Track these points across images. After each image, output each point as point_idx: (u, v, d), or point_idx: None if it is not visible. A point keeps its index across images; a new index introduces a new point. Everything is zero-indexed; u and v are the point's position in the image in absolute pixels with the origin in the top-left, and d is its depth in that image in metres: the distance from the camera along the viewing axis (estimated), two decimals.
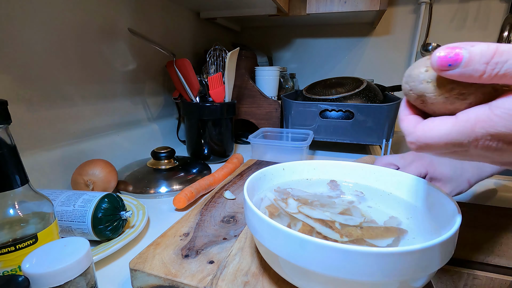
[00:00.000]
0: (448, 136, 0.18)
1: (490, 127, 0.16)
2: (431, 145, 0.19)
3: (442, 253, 0.23)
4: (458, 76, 0.17)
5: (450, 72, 0.17)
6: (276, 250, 0.26)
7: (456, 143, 0.18)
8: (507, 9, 1.09)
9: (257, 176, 0.37)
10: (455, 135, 0.18)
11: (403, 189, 0.37)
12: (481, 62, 0.16)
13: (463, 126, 0.17)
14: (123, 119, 0.71)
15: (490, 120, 0.16)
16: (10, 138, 0.26)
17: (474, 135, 0.17)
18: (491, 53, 0.16)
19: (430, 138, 0.19)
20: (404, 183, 0.37)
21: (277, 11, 0.95)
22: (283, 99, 0.90)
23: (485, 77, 0.16)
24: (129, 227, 0.43)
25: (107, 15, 0.63)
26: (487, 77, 0.16)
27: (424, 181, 0.34)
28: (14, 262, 0.26)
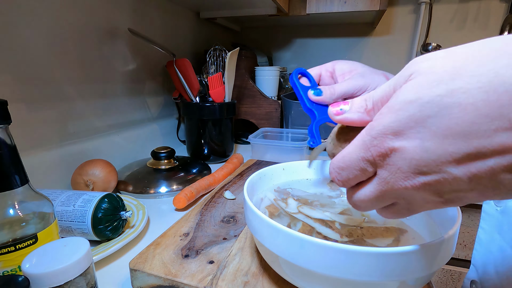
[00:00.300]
0: (350, 153, 0.20)
1: (371, 131, 0.18)
2: (342, 166, 0.21)
3: (442, 253, 0.23)
4: (351, 118, 0.21)
5: (344, 115, 0.22)
6: (276, 250, 0.26)
7: (359, 158, 0.19)
8: (507, 9, 1.09)
9: (257, 176, 0.37)
10: (353, 149, 0.20)
11: None
12: (361, 100, 0.21)
13: (357, 140, 0.20)
14: (123, 119, 0.71)
15: (370, 126, 0.19)
16: (10, 138, 0.26)
17: (365, 143, 0.19)
18: (363, 97, 0.21)
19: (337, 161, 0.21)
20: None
21: (277, 11, 0.95)
22: (283, 99, 0.90)
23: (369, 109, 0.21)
24: (129, 227, 0.43)
25: (107, 15, 0.63)
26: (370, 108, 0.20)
27: None
28: (14, 262, 0.26)
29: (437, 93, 0.15)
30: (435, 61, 0.16)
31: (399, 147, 0.17)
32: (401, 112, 0.16)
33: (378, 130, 0.18)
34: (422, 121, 0.16)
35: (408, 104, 0.16)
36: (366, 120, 0.21)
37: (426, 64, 0.17)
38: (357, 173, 0.20)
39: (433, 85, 0.15)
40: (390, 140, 0.17)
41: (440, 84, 0.15)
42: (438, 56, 0.17)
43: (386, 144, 0.17)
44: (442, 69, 0.16)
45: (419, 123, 0.16)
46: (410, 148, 0.16)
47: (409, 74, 0.17)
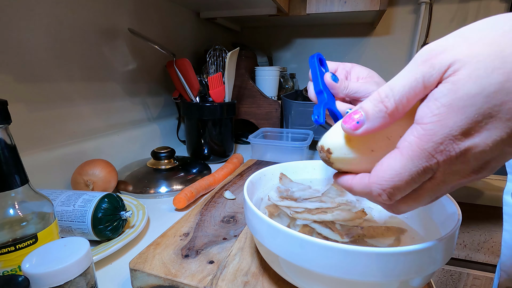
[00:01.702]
0: (406, 167, 0.17)
1: (433, 137, 0.16)
2: (399, 186, 0.18)
3: (442, 253, 0.23)
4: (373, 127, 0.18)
5: (363, 128, 0.19)
6: (276, 250, 0.26)
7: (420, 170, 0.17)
8: (507, 9, 1.09)
9: (257, 176, 0.37)
10: (411, 162, 0.17)
11: None
12: (376, 104, 0.18)
13: (409, 151, 0.17)
14: (123, 119, 0.71)
15: (426, 132, 0.16)
16: (10, 138, 0.26)
17: (427, 152, 0.16)
18: (376, 95, 0.18)
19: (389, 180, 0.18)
20: None
21: (277, 11, 0.95)
22: (283, 99, 0.90)
23: (392, 111, 0.18)
24: (129, 227, 0.43)
25: (107, 15, 0.63)
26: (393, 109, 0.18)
27: None
28: (14, 262, 0.26)
29: (498, 80, 0.15)
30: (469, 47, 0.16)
31: (470, 146, 0.16)
32: (468, 108, 0.15)
33: (443, 133, 0.16)
34: (489, 112, 0.15)
35: (473, 98, 0.15)
36: (388, 123, 0.18)
37: (462, 52, 0.16)
38: (415, 187, 0.18)
39: (489, 72, 0.15)
40: (461, 141, 0.16)
41: (495, 69, 0.15)
42: (463, 42, 0.16)
43: (457, 147, 0.16)
44: (486, 55, 0.15)
45: (487, 115, 0.15)
46: (480, 143, 0.16)
47: (447, 64, 0.16)
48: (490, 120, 0.15)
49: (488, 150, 0.16)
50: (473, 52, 0.15)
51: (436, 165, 0.17)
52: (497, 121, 0.15)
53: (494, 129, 0.15)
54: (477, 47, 0.15)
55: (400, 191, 0.18)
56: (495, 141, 0.15)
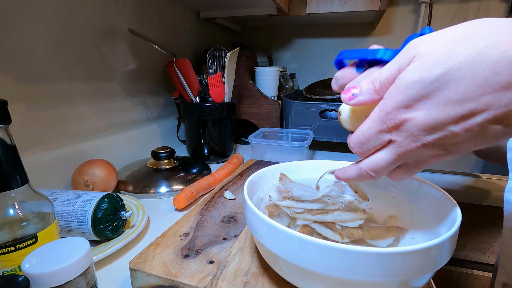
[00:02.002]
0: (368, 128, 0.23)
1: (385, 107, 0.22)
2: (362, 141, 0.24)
3: (442, 253, 0.23)
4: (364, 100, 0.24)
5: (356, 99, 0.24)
6: (276, 250, 0.26)
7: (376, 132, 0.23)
8: (507, 9, 1.09)
9: (257, 176, 0.37)
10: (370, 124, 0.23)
11: (403, 189, 0.37)
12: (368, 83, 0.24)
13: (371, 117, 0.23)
14: (123, 119, 0.71)
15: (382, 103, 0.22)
16: (10, 138, 0.26)
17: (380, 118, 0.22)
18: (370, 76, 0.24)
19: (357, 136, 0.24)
20: (405, 183, 0.37)
21: (277, 11, 0.95)
22: (283, 99, 0.90)
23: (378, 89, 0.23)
24: (129, 227, 0.43)
25: (107, 15, 0.63)
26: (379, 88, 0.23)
27: (425, 181, 0.34)
28: (14, 262, 0.26)
29: (437, 72, 0.19)
30: (431, 44, 0.20)
31: (410, 117, 0.21)
32: (409, 90, 0.21)
33: (391, 106, 0.22)
34: (427, 95, 0.20)
35: (414, 83, 0.20)
36: (376, 99, 0.23)
37: (424, 48, 0.21)
38: (375, 144, 0.24)
39: (433, 66, 0.20)
40: (403, 113, 0.21)
41: (438, 64, 0.19)
42: (432, 39, 0.21)
43: (399, 116, 0.21)
44: (438, 51, 0.20)
45: (425, 97, 0.20)
46: (419, 116, 0.21)
47: (412, 56, 0.21)
48: (427, 101, 0.20)
49: (428, 124, 0.21)
50: (432, 48, 0.20)
51: (387, 128, 0.22)
52: (434, 103, 0.20)
53: (432, 109, 0.20)
54: (438, 44, 0.20)
55: (366, 145, 0.24)
56: (432, 118, 0.20)
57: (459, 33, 0.20)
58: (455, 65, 0.19)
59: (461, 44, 0.19)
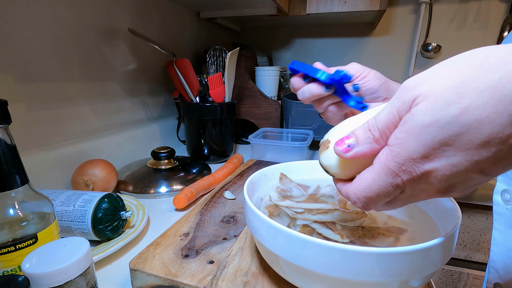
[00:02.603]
0: (376, 182, 0.20)
1: (396, 157, 0.19)
2: (370, 196, 0.21)
3: (442, 253, 0.23)
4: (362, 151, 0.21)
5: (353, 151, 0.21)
6: (276, 250, 0.26)
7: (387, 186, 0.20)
8: (507, 9, 1.09)
9: (257, 176, 0.37)
10: (379, 178, 0.20)
11: None
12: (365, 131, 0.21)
13: (379, 168, 0.20)
14: (123, 119, 0.71)
15: (391, 152, 0.19)
16: (10, 138, 0.26)
17: (391, 171, 0.19)
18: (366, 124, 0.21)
19: (362, 191, 0.21)
20: None
21: (277, 11, 0.95)
22: (283, 99, 0.90)
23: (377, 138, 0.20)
24: (129, 227, 0.43)
25: (107, 15, 0.63)
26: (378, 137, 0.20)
27: None
28: (14, 262, 0.26)
29: (453, 113, 0.16)
30: (433, 83, 0.18)
31: (430, 169, 0.18)
32: (423, 136, 0.17)
33: (404, 156, 0.18)
34: (445, 141, 0.17)
35: (428, 128, 0.17)
36: (376, 149, 0.21)
37: (426, 87, 0.18)
38: (387, 200, 0.21)
39: (445, 106, 0.17)
40: (421, 164, 0.18)
41: (451, 104, 0.17)
42: (432, 76, 0.18)
43: (418, 169, 0.18)
44: (445, 90, 0.17)
45: (443, 143, 0.17)
46: (440, 167, 0.18)
47: (412, 99, 0.18)
48: (447, 148, 0.17)
49: (450, 175, 0.18)
50: (434, 87, 0.17)
51: (401, 183, 0.19)
52: (455, 150, 0.17)
53: (453, 156, 0.17)
54: (440, 83, 0.17)
55: (372, 201, 0.21)
56: (455, 167, 0.17)
57: (462, 66, 0.17)
58: (472, 104, 0.16)
59: (470, 79, 0.16)
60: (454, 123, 0.16)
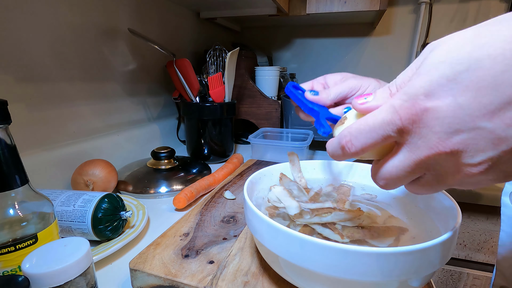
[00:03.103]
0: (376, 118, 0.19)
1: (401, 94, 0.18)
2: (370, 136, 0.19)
3: (442, 253, 0.23)
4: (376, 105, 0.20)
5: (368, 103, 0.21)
6: (276, 250, 0.26)
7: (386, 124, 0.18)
8: (507, 9, 1.09)
9: (257, 176, 0.37)
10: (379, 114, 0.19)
11: (403, 188, 0.37)
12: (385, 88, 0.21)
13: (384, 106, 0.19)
14: (123, 119, 0.71)
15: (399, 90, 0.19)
16: (10, 138, 0.26)
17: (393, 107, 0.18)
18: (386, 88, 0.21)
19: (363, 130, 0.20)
20: None
21: (277, 11, 0.95)
22: (283, 99, 0.90)
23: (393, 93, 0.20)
24: (129, 227, 0.43)
25: (107, 15, 0.63)
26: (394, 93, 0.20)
27: None
28: (14, 262, 0.26)
29: (467, 50, 0.15)
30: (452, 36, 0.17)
31: (431, 107, 0.16)
32: (432, 71, 0.16)
33: (409, 92, 0.17)
34: (454, 77, 0.16)
35: (439, 64, 0.16)
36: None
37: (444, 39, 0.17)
38: (377, 138, 0.19)
39: (459, 46, 0.16)
40: (422, 101, 0.17)
41: (466, 43, 0.16)
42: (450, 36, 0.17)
43: (418, 106, 0.17)
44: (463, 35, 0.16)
45: (451, 80, 0.16)
46: (443, 106, 0.16)
47: (430, 50, 0.17)
48: (455, 86, 0.16)
49: (454, 116, 0.16)
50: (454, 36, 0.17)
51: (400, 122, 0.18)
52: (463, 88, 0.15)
53: (460, 96, 0.16)
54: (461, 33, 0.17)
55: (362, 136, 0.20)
56: (461, 108, 0.16)
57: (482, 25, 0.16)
58: (488, 42, 0.15)
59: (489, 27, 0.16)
60: (465, 58, 0.15)
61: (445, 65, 0.16)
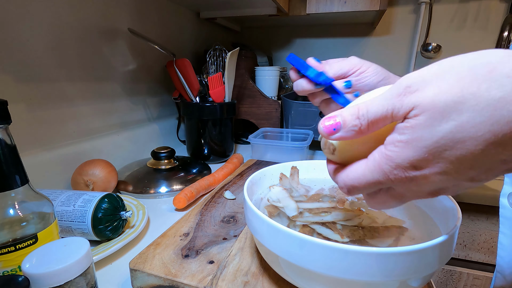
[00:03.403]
0: (365, 176, 0.21)
1: (390, 161, 0.19)
2: (356, 186, 0.22)
3: (442, 253, 0.23)
4: (345, 137, 0.21)
5: (337, 135, 0.21)
6: (276, 250, 0.26)
7: (375, 181, 0.20)
8: (507, 9, 1.09)
9: (257, 176, 0.37)
10: (369, 173, 0.20)
11: None
12: (353, 118, 0.21)
13: (372, 165, 0.20)
14: (123, 119, 0.71)
15: (387, 156, 0.19)
16: (10, 138, 0.26)
17: (383, 171, 0.20)
18: (356, 110, 0.21)
19: (351, 180, 0.22)
20: None
21: (277, 11, 0.95)
22: (283, 99, 0.90)
23: (363, 129, 0.20)
24: (129, 227, 0.43)
25: (107, 15, 0.63)
26: (365, 128, 0.20)
27: None
28: (14, 262, 0.26)
29: (449, 129, 0.17)
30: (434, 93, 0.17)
31: (421, 175, 0.19)
32: (419, 147, 0.18)
33: (398, 162, 0.19)
34: (439, 154, 0.18)
35: (425, 141, 0.18)
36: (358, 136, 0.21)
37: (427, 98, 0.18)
38: (367, 191, 0.22)
39: (444, 121, 0.17)
40: (412, 171, 0.19)
41: (449, 120, 0.17)
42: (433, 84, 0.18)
43: (408, 175, 0.19)
44: (445, 105, 0.17)
45: (436, 156, 0.18)
46: (430, 175, 0.18)
47: (411, 106, 0.18)
48: (440, 160, 0.18)
49: (438, 181, 0.19)
50: (435, 101, 0.17)
51: (389, 181, 0.20)
52: (448, 162, 0.18)
53: (445, 167, 0.18)
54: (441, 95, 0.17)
55: (358, 190, 0.22)
56: (445, 175, 0.18)
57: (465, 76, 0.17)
58: (469, 121, 0.16)
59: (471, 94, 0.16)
60: (449, 138, 0.17)
61: (431, 142, 0.18)
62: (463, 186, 0.19)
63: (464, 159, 0.17)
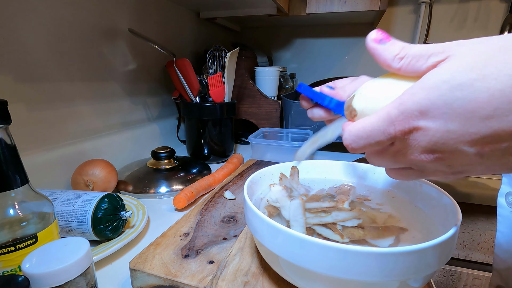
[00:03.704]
0: (372, 124, 0.20)
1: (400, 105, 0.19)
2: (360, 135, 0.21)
3: (442, 253, 0.23)
4: (384, 57, 0.21)
5: (380, 45, 0.21)
6: (276, 250, 0.26)
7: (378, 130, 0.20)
8: (507, 9, 1.09)
9: (257, 176, 0.37)
10: (376, 121, 0.20)
11: (403, 188, 0.37)
12: (399, 47, 0.20)
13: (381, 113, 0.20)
14: (123, 119, 0.71)
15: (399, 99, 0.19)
16: (10, 138, 0.26)
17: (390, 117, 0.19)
18: (401, 45, 0.21)
19: (356, 129, 0.22)
20: (405, 182, 0.37)
21: (277, 11, 0.95)
22: (283, 99, 0.90)
23: (402, 56, 0.20)
24: (129, 227, 0.43)
25: (107, 15, 0.63)
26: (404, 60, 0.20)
27: (425, 181, 0.34)
28: (14, 262, 0.26)
29: (470, 76, 0.16)
30: (470, 47, 0.18)
31: (422, 126, 0.18)
32: (433, 90, 0.17)
33: (407, 106, 0.18)
34: (450, 102, 0.17)
35: (441, 84, 0.17)
36: (388, 65, 0.21)
37: (462, 49, 0.18)
38: (374, 144, 0.21)
39: (467, 69, 0.16)
40: (416, 118, 0.18)
41: (473, 69, 0.16)
42: (472, 43, 0.18)
43: (411, 123, 0.18)
44: (476, 56, 0.17)
45: (447, 103, 0.17)
46: (433, 127, 0.18)
47: (446, 55, 0.18)
48: (449, 111, 0.17)
49: (440, 137, 0.18)
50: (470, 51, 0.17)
51: (393, 133, 0.19)
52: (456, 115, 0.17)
53: (451, 122, 0.17)
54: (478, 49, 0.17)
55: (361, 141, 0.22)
56: (448, 132, 0.17)
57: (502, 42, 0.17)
58: (493, 73, 0.16)
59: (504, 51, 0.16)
60: (466, 85, 0.16)
61: (446, 87, 0.17)
62: (461, 155, 0.18)
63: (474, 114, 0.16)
